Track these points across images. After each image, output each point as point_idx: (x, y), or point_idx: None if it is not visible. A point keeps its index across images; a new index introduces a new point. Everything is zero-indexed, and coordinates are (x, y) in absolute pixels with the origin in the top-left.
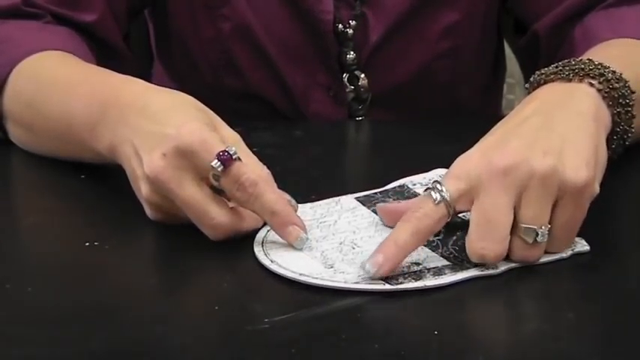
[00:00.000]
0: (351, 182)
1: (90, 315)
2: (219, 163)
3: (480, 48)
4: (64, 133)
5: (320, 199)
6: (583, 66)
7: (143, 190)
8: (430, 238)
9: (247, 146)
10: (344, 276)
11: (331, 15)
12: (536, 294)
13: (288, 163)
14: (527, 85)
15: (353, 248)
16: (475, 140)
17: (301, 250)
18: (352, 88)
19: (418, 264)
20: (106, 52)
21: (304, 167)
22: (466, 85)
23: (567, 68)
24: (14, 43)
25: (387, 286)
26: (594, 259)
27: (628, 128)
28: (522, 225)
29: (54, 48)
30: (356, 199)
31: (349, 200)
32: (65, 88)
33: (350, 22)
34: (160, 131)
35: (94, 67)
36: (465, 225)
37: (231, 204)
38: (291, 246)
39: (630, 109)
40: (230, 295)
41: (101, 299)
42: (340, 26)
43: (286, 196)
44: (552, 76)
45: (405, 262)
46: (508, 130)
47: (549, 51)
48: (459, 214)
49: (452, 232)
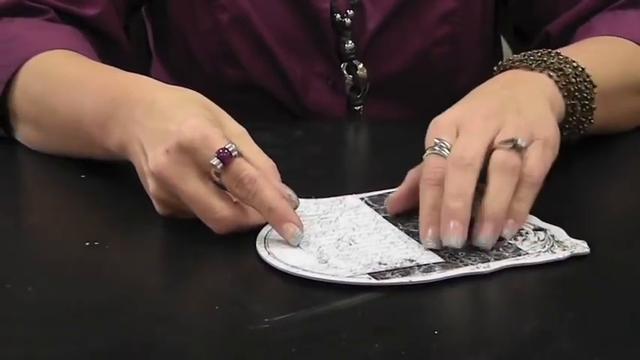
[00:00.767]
0: (351, 182)
1: (90, 315)
2: (218, 161)
3: (479, 36)
4: (74, 130)
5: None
6: (546, 58)
7: (150, 187)
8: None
9: None
10: (336, 270)
11: (328, 4)
12: (536, 294)
13: (288, 163)
14: (495, 69)
15: (350, 245)
16: None
17: (300, 245)
18: (351, 78)
19: (412, 260)
20: (109, 47)
21: (304, 167)
22: (465, 74)
23: (532, 58)
24: (22, 42)
25: (374, 281)
26: (594, 260)
27: (584, 119)
28: (501, 139)
29: (60, 47)
30: (366, 200)
31: (353, 199)
32: (74, 85)
33: (347, 12)
34: (164, 128)
35: (102, 65)
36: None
37: (235, 199)
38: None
39: (588, 102)
40: (230, 295)
41: (101, 299)
42: (338, 16)
43: (288, 191)
44: (517, 64)
45: (399, 258)
46: (477, 97)
47: None
48: None
49: None
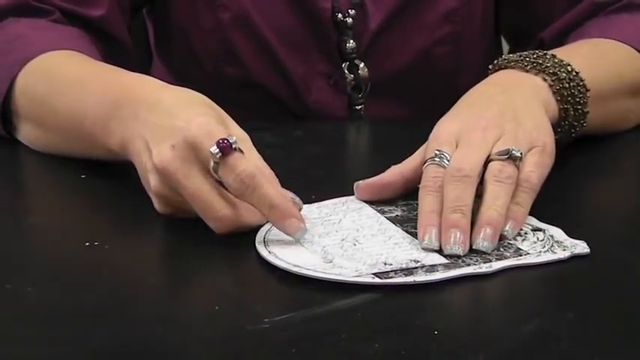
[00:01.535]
0: (351, 182)
1: (90, 315)
2: (217, 150)
3: (480, 35)
4: (76, 130)
5: (320, 199)
6: (541, 61)
7: (152, 183)
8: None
9: None
10: (341, 270)
11: (329, 4)
12: (536, 294)
13: (288, 163)
14: (490, 67)
15: (354, 245)
16: None
17: (302, 245)
18: (352, 77)
19: (417, 261)
20: (113, 48)
21: (304, 167)
22: (466, 73)
23: (527, 60)
24: (25, 42)
25: (377, 280)
26: (594, 260)
27: (576, 123)
28: (496, 150)
29: (64, 47)
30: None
31: (356, 201)
32: (77, 85)
33: (349, 11)
34: (170, 124)
35: (106, 65)
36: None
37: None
38: (291, 238)
39: (581, 107)
40: (230, 295)
41: (101, 299)
42: (340, 15)
43: (290, 194)
44: (513, 64)
45: (404, 259)
46: (474, 103)
47: None
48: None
49: None
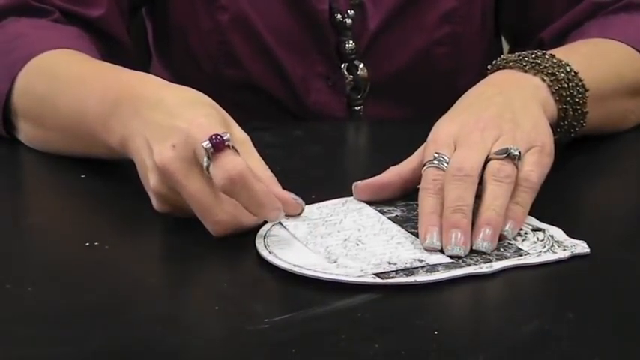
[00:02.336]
0: (351, 182)
1: (90, 315)
2: (209, 145)
3: (479, 36)
4: (76, 128)
5: (320, 200)
6: (540, 61)
7: (151, 181)
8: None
9: None
10: (347, 270)
11: (327, 5)
12: (536, 294)
13: (288, 163)
14: (489, 67)
15: (357, 244)
16: None
17: (306, 245)
18: (351, 78)
19: (421, 260)
20: (112, 48)
21: (304, 167)
22: (466, 74)
23: (526, 60)
24: (26, 41)
25: (378, 280)
26: (594, 260)
27: (576, 123)
28: (495, 149)
29: (64, 46)
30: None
31: (356, 201)
32: (78, 84)
33: (348, 12)
34: (172, 124)
35: (107, 64)
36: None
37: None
38: (291, 238)
39: (580, 107)
40: (230, 295)
41: (101, 299)
42: (339, 16)
43: (292, 196)
44: (511, 64)
45: (408, 258)
46: (473, 105)
47: None
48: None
49: None
